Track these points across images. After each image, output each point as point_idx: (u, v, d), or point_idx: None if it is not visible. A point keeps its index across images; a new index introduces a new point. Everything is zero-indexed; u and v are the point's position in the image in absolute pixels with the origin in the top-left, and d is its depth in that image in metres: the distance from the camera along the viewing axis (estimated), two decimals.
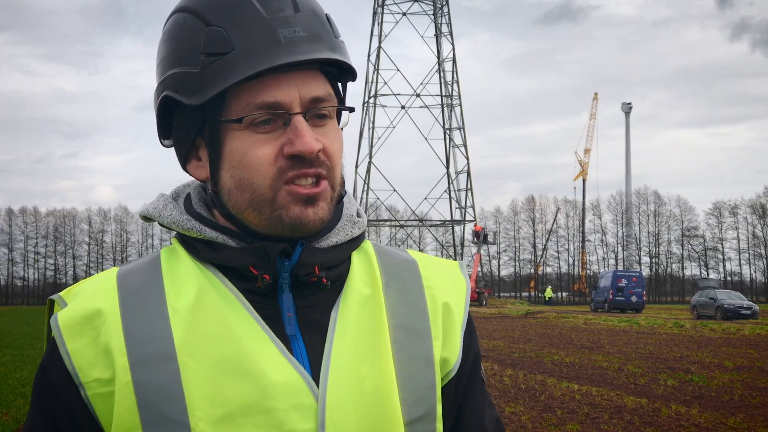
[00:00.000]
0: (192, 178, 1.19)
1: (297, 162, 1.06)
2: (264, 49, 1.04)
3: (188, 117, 1.12)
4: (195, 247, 1.13)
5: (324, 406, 1.04)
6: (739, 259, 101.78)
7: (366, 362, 1.09)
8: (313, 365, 1.08)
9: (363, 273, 1.17)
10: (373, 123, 79.64)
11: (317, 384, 1.06)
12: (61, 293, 1.13)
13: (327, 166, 1.09)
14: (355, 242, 1.18)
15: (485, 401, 1.23)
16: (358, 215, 1.21)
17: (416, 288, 1.19)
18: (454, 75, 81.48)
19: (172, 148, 1.19)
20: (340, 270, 1.15)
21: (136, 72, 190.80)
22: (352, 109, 1.16)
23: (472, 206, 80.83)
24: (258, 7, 1.06)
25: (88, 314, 1.07)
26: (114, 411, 1.04)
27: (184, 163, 1.17)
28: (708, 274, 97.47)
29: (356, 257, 1.19)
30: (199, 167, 1.15)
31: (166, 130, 1.17)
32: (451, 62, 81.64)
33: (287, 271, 1.10)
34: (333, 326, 1.11)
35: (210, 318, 1.07)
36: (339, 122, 1.16)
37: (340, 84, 1.17)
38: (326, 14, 1.13)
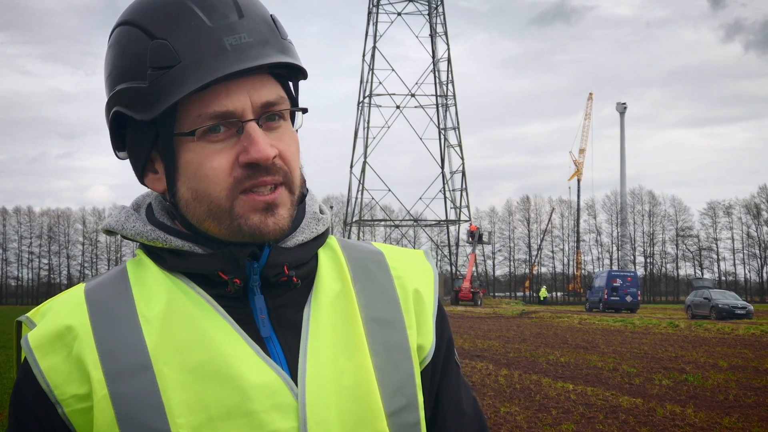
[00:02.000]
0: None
1: (254, 170, 1.06)
2: (211, 59, 1.03)
3: (141, 131, 1.10)
4: (162, 257, 1.12)
5: (304, 404, 1.04)
6: (734, 259, 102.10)
7: (343, 357, 1.09)
8: (291, 364, 1.08)
9: (331, 269, 1.17)
10: (368, 123, 79.70)
11: (296, 383, 1.06)
12: (28, 314, 1.12)
13: (284, 171, 1.09)
14: (321, 239, 1.18)
15: (461, 384, 1.24)
16: (321, 212, 1.20)
17: (385, 279, 1.19)
18: (449, 75, 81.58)
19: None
20: (309, 268, 1.15)
21: None
22: (305, 110, 1.15)
23: (467, 206, 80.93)
24: (201, 16, 1.05)
25: (59, 331, 1.06)
26: (93, 426, 1.03)
27: (141, 176, 1.15)
28: (702, 274, 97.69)
29: (323, 253, 1.19)
30: (156, 180, 1.14)
31: (120, 143, 1.15)
32: (446, 62, 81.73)
33: (257, 273, 1.10)
34: (306, 324, 1.10)
35: (183, 324, 1.06)
36: (294, 123, 1.15)
37: (292, 84, 1.15)
38: (272, 15, 1.12)
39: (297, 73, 1.14)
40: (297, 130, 1.15)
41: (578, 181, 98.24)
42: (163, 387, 1.02)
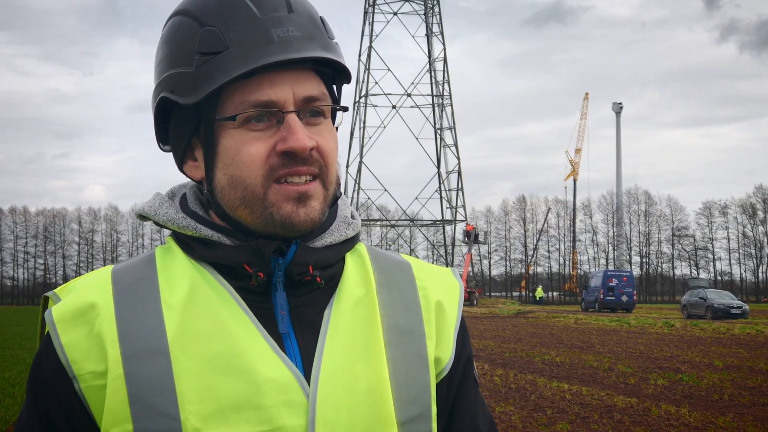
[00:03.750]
0: (187, 179, 1.21)
1: (290, 159, 1.08)
2: (257, 48, 1.06)
3: (184, 118, 1.13)
4: (190, 245, 1.14)
5: (314, 403, 1.05)
6: (729, 259, 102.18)
7: (359, 362, 1.10)
8: (306, 363, 1.08)
9: (356, 274, 1.18)
10: (364, 123, 79.70)
11: (309, 382, 1.07)
12: (55, 290, 1.14)
13: (320, 164, 1.11)
14: (349, 243, 1.19)
15: (478, 402, 1.24)
16: (353, 217, 1.22)
17: (410, 289, 1.20)
18: (445, 75, 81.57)
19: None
20: (334, 270, 1.16)
21: (131, 72, 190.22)
22: (345, 109, 1.17)
23: (463, 206, 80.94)
24: (252, 7, 1.08)
25: (82, 308, 1.08)
26: (105, 403, 1.04)
27: (181, 164, 1.18)
28: (698, 274, 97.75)
29: (350, 258, 1.20)
30: (194, 167, 1.16)
31: (164, 135, 1.18)
32: (442, 62, 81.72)
33: (281, 269, 1.11)
34: (326, 325, 1.11)
35: (203, 314, 1.07)
36: (334, 122, 1.17)
37: (335, 86, 1.18)
38: (321, 17, 1.15)
39: (341, 74, 1.17)
40: (337, 128, 1.17)
41: (574, 180, 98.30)
42: (178, 373, 1.03)
